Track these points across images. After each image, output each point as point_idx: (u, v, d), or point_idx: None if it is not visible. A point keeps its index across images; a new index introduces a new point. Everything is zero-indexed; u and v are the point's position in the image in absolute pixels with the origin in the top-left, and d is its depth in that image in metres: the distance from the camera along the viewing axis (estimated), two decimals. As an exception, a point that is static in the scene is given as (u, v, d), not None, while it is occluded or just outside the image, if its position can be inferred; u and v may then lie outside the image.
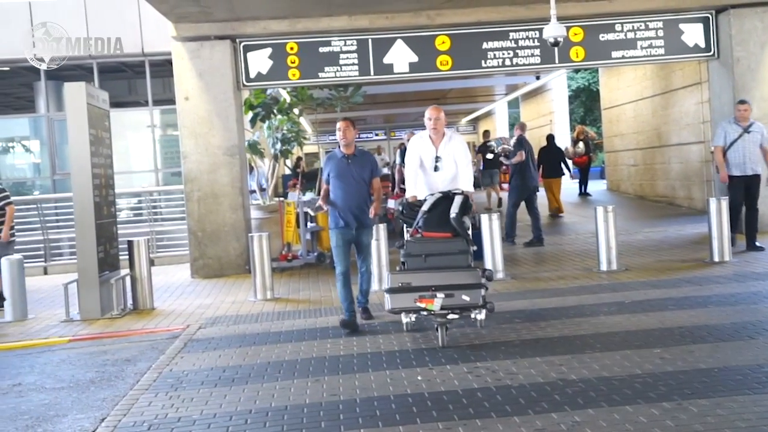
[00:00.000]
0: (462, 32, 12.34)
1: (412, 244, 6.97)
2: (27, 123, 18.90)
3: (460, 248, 6.83)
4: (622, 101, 20.38)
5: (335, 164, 7.69)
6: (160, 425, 5.05)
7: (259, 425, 4.89)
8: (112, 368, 6.90)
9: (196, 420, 5.10)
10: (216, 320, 8.60)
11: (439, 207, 6.96)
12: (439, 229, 6.94)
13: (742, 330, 6.40)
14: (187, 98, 12.07)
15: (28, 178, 18.54)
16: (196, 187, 12.11)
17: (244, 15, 11.65)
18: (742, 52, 12.44)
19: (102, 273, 9.22)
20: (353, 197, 7.59)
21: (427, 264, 6.73)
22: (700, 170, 15.60)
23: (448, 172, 7.50)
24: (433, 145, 7.53)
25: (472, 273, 6.58)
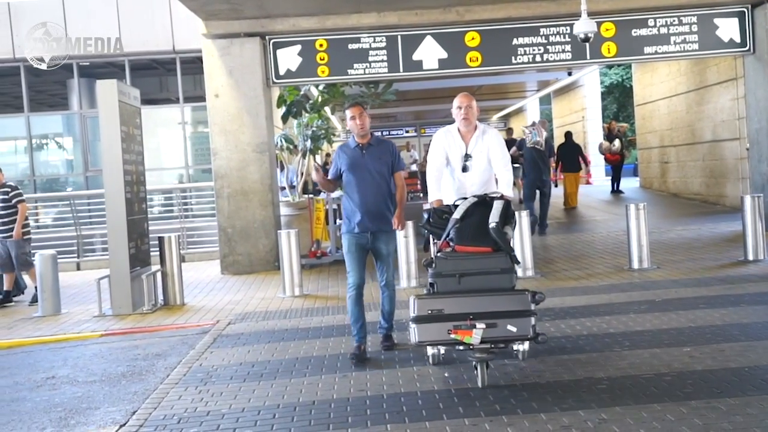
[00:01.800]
0: (492, 28, 12.33)
1: (443, 261, 5.54)
2: (60, 120, 19.21)
3: (503, 266, 5.47)
4: (656, 97, 20.19)
5: (348, 156, 6.47)
6: (190, 419, 5.13)
7: (286, 420, 4.96)
8: (143, 362, 7.01)
9: (225, 414, 5.18)
10: (245, 316, 8.70)
11: (474, 215, 5.60)
12: (476, 243, 5.56)
13: (774, 330, 6.35)
14: (218, 95, 12.20)
15: (62, 174, 18.83)
16: (226, 183, 12.24)
17: (273, 12, 11.74)
18: (778, 47, 12.31)
19: (133, 269, 9.37)
20: (370, 195, 6.34)
21: (463, 286, 5.41)
22: (735, 167, 15.42)
23: (479, 174, 6.19)
24: (463, 140, 6.20)
25: (519, 297, 5.35)
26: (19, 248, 10.41)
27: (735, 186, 15.52)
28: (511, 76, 22.96)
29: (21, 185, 17.41)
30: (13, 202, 10.48)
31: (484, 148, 6.19)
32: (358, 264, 6.38)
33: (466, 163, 6.20)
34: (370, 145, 6.49)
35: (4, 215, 10.48)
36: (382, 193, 6.40)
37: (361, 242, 6.37)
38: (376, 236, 6.37)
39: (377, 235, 6.37)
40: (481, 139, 6.22)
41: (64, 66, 17.24)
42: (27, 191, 17.15)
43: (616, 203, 18.73)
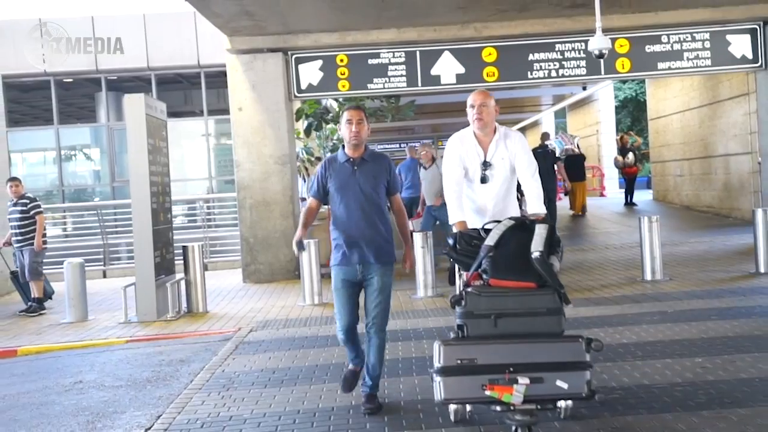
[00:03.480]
0: (508, 44, 12.38)
1: (476, 297, 4.29)
2: (88, 132, 19.43)
3: (550, 305, 4.29)
4: (669, 112, 20.13)
5: (336, 172, 5.19)
6: (213, 423, 5.17)
7: (306, 425, 4.99)
8: (168, 368, 7.07)
9: (247, 419, 5.21)
10: (266, 324, 8.74)
11: (511, 241, 4.43)
12: (516, 276, 4.38)
13: (785, 341, 6.32)
14: (241, 109, 12.31)
15: (89, 184, 19.02)
16: (249, 194, 12.33)
17: (295, 28, 11.84)
18: (790, 63, 12.27)
19: (158, 277, 9.44)
20: (362, 220, 5.10)
21: (500, 329, 4.23)
22: (748, 181, 15.33)
23: (500, 185, 5.12)
24: (480, 145, 5.13)
25: (571, 345, 4.18)
26: (33, 258, 10.52)
27: (747, 199, 15.41)
28: (527, 90, 23.00)
29: (50, 195, 17.74)
30: (31, 213, 10.57)
31: (506, 155, 5.10)
32: (348, 304, 5.18)
33: (485, 173, 5.09)
34: (363, 160, 5.18)
35: (22, 226, 10.59)
36: (375, 218, 5.15)
37: (351, 277, 5.15)
38: (368, 269, 5.12)
39: (370, 267, 5.12)
40: (502, 144, 5.11)
41: (93, 80, 17.50)
42: (56, 201, 17.41)
43: (630, 215, 18.65)
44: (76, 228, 16.69)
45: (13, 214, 10.64)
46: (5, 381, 7.09)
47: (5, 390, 6.71)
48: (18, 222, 10.59)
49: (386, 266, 5.18)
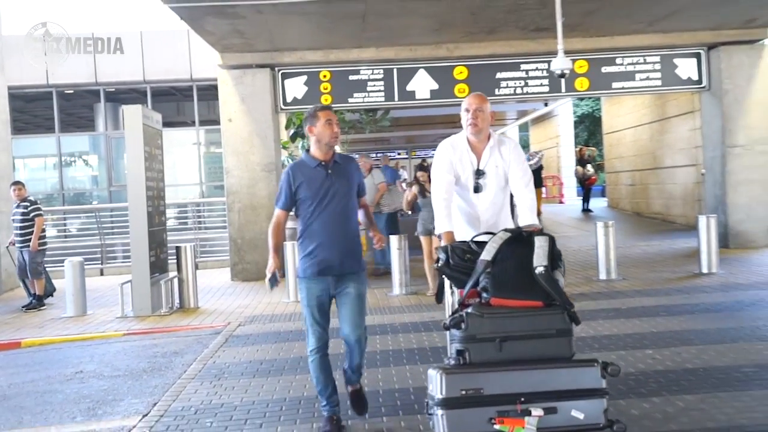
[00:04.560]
0: (478, 63, 12.44)
1: (478, 319, 3.58)
2: (87, 140, 19.29)
3: (559, 326, 3.62)
4: (622, 127, 20.33)
5: (307, 178, 4.43)
6: (206, 410, 5.16)
7: (293, 411, 4.99)
8: (162, 359, 7.04)
9: (237, 406, 5.21)
10: (254, 319, 8.72)
11: (510, 256, 3.76)
12: (521, 294, 3.69)
13: (725, 334, 6.42)
14: (231, 120, 12.27)
15: (88, 189, 18.88)
16: (237, 199, 12.29)
17: (282, 46, 11.84)
18: (730, 85, 12.45)
19: (153, 275, 9.38)
20: (339, 227, 4.42)
21: (505, 354, 3.55)
22: (692, 190, 15.55)
23: (494, 195, 4.50)
24: (473, 152, 4.51)
25: (585, 371, 3.52)
26: (33, 258, 10.41)
27: (691, 207, 15.62)
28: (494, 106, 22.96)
29: (51, 198, 17.56)
30: (31, 216, 10.44)
31: (500, 163, 4.49)
32: (324, 320, 4.46)
33: (478, 182, 4.47)
34: (335, 163, 4.49)
35: (23, 227, 10.45)
36: (351, 224, 4.52)
37: (326, 291, 4.43)
38: (342, 280, 4.43)
39: (344, 278, 4.44)
40: (496, 152, 4.51)
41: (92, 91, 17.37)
42: (56, 204, 17.24)
43: (586, 221, 18.84)
44: (75, 229, 16.52)
45: (16, 215, 10.52)
46: (10, 371, 7.02)
47: (11, 379, 6.65)
48: (20, 223, 10.46)
49: (361, 274, 4.54)
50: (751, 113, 12.48)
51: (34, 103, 18.59)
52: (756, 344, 6.03)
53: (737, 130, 12.47)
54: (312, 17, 10.02)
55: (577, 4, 9.81)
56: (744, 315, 7.27)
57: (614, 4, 10.27)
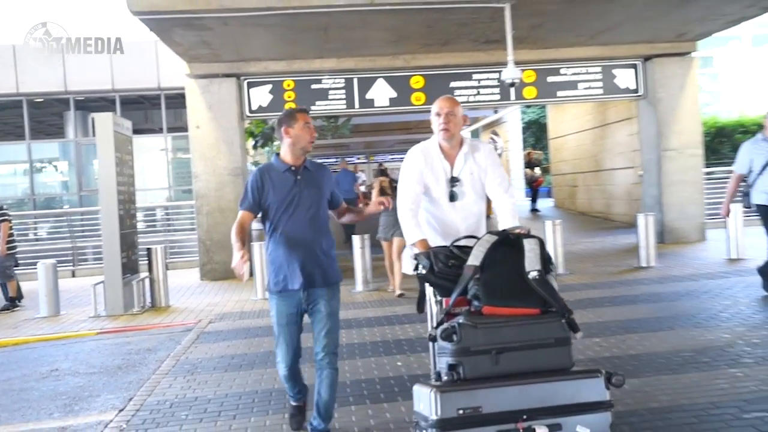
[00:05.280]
0: (433, 73, 12.50)
1: (472, 330, 3.10)
2: (57, 147, 18.88)
3: (558, 334, 3.16)
4: (567, 132, 20.62)
5: (275, 184, 3.97)
6: (180, 403, 5.10)
7: (264, 403, 4.97)
8: (136, 356, 6.93)
9: (211, 399, 5.16)
10: (224, 316, 8.64)
11: (500, 260, 3.34)
12: (516, 301, 3.25)
13: (664, 322, 6.58)
14: (198, 127, 12.13)
15: (58, 194, 18.45)
16: (205, 202, 12.15)
17: (248, 57, 11.75)
18: (664, 94, 12.75)
19: (125, 275, 9.24)
20: (306, 236, 3.95)
21: (502, 367, 3.08)
22: (631, 191, 15.85)
23: (471, 203, 4.02)
24: (446, 159, 4.01)
25: (588, 381, 3.08)
26: (2, 262, 10.15)
27: (630, 206, 15.91)
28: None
29: (22, 203, 17.12)
30: None
31: (475, 170, 4.01)
32: (295, 336, 4.03)
33: (453, 189, 3.98)
34: (306, 169, 4.03)
35: None
36: (322, 234, 4.02)
37: (296, 306, 3.99)
38: (314, 294, 3.98)
39: (316, 292, 3.98)
40: (470, 158, 4.02)
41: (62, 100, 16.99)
42: (27, 209, 16.82)
43: (535, 220, 19.09)
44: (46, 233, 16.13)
45: None
46: (-15, 371, 6.84)
47: (-14, 378, 6.47)
48: None
49: (334, 288, 4.05)
50: (682, 120, 12.80)
51: (5, 112, 18.11)
52: (692, 330, 6.20)
53: (671, 135, 12.79)
54: (276, 29, 9.97)
55: (524, 19, 9.95)
56: (680, 304, 7.46)
57: (559, 19, 10.44)
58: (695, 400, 4.35)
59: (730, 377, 4.79)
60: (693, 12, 10.49)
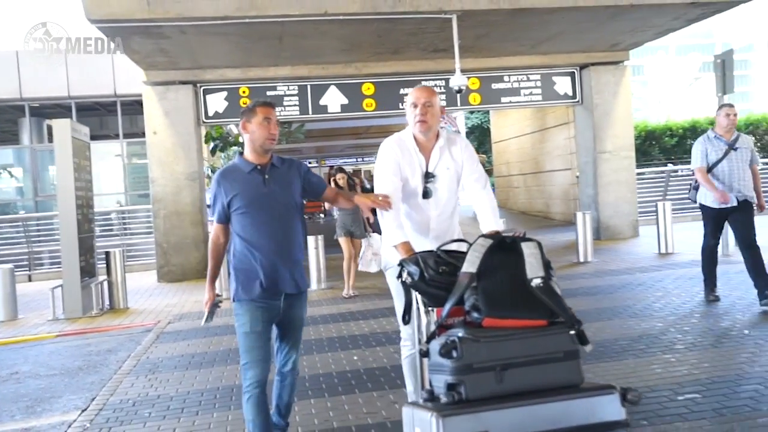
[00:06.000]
0: (384, 80, 12.55)
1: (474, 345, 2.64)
2: (12, 153, 18.26)
3: (566, 347, 2.73)
4: (508, 136, 20.95)
5: (242, 185, 3.49)
6: (143, 402, 5.01)
7: (226, 399, 4.92)
8: (97, 357, 6.75)
9: (173, 397, 5.09)
10: (183, 316, 8.50)
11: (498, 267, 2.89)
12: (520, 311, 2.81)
13: (602, 313, 6.74)
14: (155, 132, 11.91)
15: (13, 199, 17.84)
16: (163, 206, 11.94)
17: (204, 64, 11.59)
18: (599, 100, 13.07)
19: (83, 279, 9.01)
20: (281, 239, 3.47)
21: (507, 385, 2.63)
22: (568, 191, 16.20)
23: (445, 201, 3.62)
24: (422, 152, 3.57)
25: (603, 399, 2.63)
26: None
27: (568, 205, 16.28)
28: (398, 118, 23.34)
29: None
30: None
31: (451, 165, 3.59)
32: (264, 348, 3.45)
33: (427, 186, 3.56)
34: (273, 166, 3.55)
35: None
36: (296, 236, 3.54)
37: (273, 315, 3.49)
38: (292, 301, 3.54)
39: (292, 299, 3.54)
40: (447, 152, 3.60)
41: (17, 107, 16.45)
42: (-18, 214, 16.19)
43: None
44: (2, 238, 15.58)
45: None
46: (-57, 376, 6.57)
47: (-56, 384, 6.22)
48: None
49: (304, 295, 3.65)
50: (616, 124, 13.15)
51: (-42, 118, 17.47)
52: (628, 320, 6.38)
53: (605, 139, 13.13)
54: (232, 38, 9.87)
55: (470, 29, 10.08)
56: (617, 296, 7.65)
57: (502, 30, 10.62)
58: (633, 384, 4.45)
59: (664, 362, 4.96)
60: (624, 24, 10.81)
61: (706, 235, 6.87)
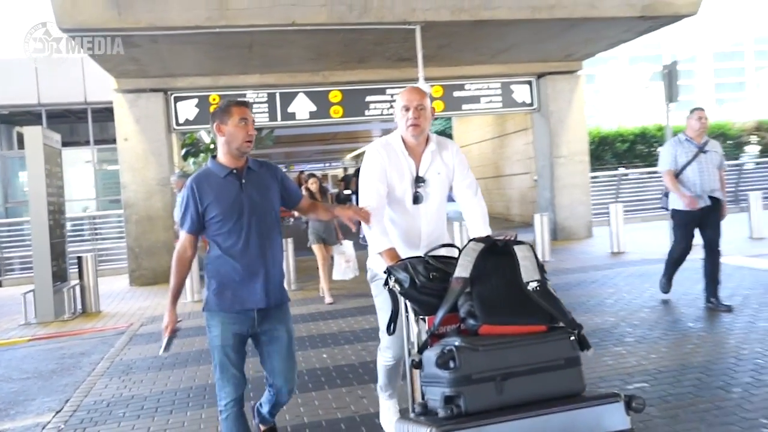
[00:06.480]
0: (350, 88, 12.55)
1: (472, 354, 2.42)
2: (-20, 160, 17.77)
3: (567, 354, 2.56)
4: (470, 142, 21.10)
5: (216, 191, 3.15)
6: (117, 402, 4.98)
7: (199, 398, 4.92)
8: (70, 360, 6.66)
9: (147, 397, 5.06)
10: (155, 318, 8.40)
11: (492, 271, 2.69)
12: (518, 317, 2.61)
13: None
14: (127, 139, 11.76)
15: (-18, 206, 17.38)
16: (134, 211, 11.80)
17: (175, 72, 11.48)
18: (555, 107, 13.30)
19: (55, 284, 8.86)
20: (258, 248, 3.16)
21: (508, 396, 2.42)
22: (527, 194, 16.41)
23: (436, 206, 3.42)
24: (412, 156, 3.36)
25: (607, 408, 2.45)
26: None
27: (526, 207, 16.46)
28: (363, 125, 23.45)
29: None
30: None
31: (442, 169, 3.40)
32: (237, 365, 3.18)
33: (418, 191, 3.34)
34: (249, 170, 3.22)
35: None
36: (275, 244, 3.24)
37: (245, 329, 3.17)
38: (267, 317, 3.19)
39: (270, 314, 3.20)
40: (438, 156, 3.39)
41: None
42: (-49, 220, 15.74)
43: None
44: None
45: None
46: None
47: None
48: None
49: (286, 307, 3.29)
50: (571, 130, 13.39)
51: (-75, 125, 16.96)
52: (582, 315, 6.48)
53: (561, 144, 13.37)
54: (203, 47, 9.81)
55: (432, 39, 10.19)
56: (572, 293, 7.80)
57: (463, 40, 10.75)
58: (587, 375, 4.59)
59: (615, 354, 5.11)
60: (578, 35, 11.04)
61: (677, 239, 6.58)
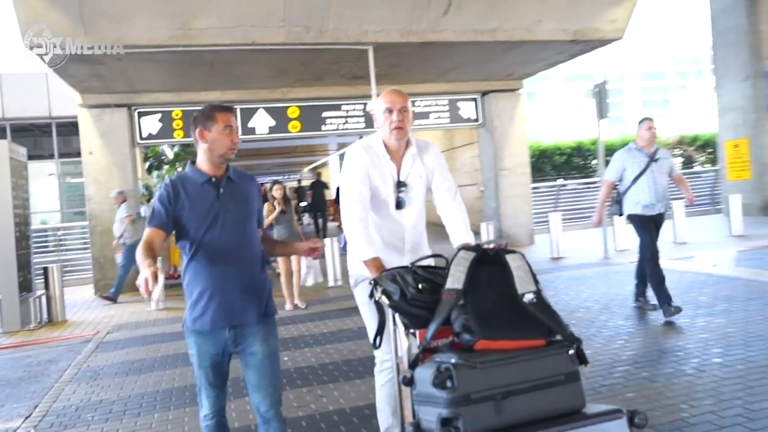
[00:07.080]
0: (308, 104, 12.56)
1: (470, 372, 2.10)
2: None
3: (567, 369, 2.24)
4: (421, 155, 21.30)
5: (193, 196, 2.79)
6: (86, 407, 4.91)
7: (166, 401, 4.89)
8: (37, 368, 6.50)
9: (115, 401, 5.01)
10: (121, 326, 8.29)
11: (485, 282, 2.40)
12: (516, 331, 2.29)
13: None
14: (91, 152, 11.53)
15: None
16: (99, 222, 11.55)
17: (139, 88, 11.33)
18: (498, 123, 13.59)
19: (21, 294, 8.62)
20: (233, 260, 2.78)
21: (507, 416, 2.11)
22: (474, 204, 16.64)
23: (418, 212, 3.21)
24: (393, 159, 3.10)
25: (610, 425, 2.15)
26: None
27: (473, 217, 16.68)
28: (320, 139, 23.45)
29: None
30: None
31: (423, 173, 3.16)
32: (218, 380, 2.88)
33: (400, 195, 3.09)
34: (229, 179, 2.89)
35: None
36: (253, 256, 2.86)
37: (221, 347, 2.82)
38: (243, 333, 2.82)
39: (248, 330, 2.83)
40: (419, 159, 3.15)
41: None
42: None
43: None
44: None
45: None
46: None
47: None
48: None
49: (270, 323, 2.91)
50: (513, 144, 13.72)
51: None
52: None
53: (505, 157, 13.68)
54: (166, 65, 9.73)
55: (384, 59, 10.35)
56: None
57: (412, 60, 10.95)
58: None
59: (553, 350, 5.28)
60: (517, 57, 11.36)
61: (644, 242, 6.17)
